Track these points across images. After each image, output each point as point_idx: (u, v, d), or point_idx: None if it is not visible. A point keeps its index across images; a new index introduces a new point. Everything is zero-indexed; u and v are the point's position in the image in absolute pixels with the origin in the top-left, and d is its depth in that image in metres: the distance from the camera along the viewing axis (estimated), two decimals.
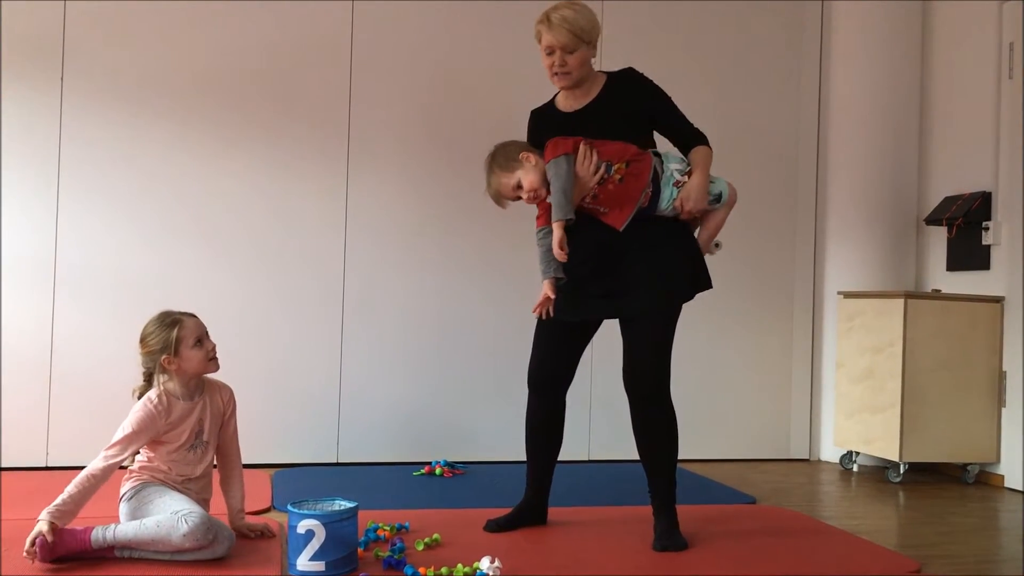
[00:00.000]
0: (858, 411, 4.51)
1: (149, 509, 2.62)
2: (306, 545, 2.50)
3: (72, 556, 2.53)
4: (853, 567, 2.80)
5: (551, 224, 2.83)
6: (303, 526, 2.50)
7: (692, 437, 4.70)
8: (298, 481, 3.85)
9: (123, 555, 2.58)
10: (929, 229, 4.80)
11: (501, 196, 2.93)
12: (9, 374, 4.02)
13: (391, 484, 3.87)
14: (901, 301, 4.29)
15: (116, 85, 4.17)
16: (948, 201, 4.61)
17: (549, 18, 2.86)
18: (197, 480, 2.79)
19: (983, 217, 4.40)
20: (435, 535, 2.88)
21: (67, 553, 2.52)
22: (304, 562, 2.50)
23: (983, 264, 4.46)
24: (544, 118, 3.07)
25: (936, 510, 3.77)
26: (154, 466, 2.73)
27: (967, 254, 4.54)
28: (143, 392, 2.73)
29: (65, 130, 4.11)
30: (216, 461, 2.89)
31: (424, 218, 4.50)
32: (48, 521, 2.47)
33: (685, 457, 4.63)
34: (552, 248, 2.82)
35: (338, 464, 4.36)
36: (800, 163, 5.00)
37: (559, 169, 2.80)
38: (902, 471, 4.32)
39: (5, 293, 4.02)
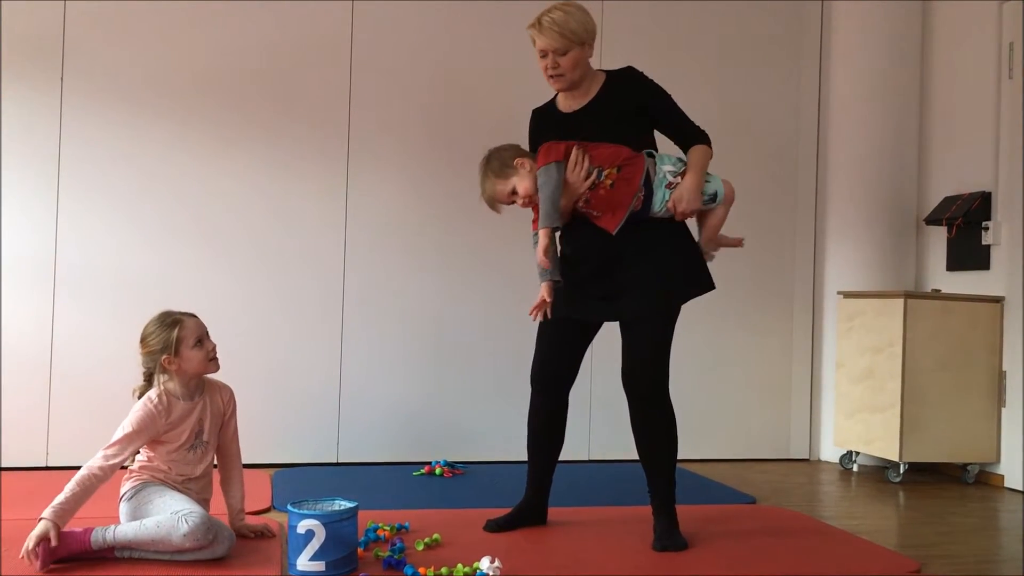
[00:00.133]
0: (858, 411, 4.51)
1: (149, 509, 2.62)
2: (306, 545, 2.50)
3: (72, 557, 2.53)
4: (853, 567, 2.80)
5: None
6: (303, 526, 2.50)
7: (692, 437, 4.71)
8: (298, 481, 3.85)
9: (123, 555, 2.58)
10: (929, 229, 4.80)
11: (496, 201, 2.96)
12: (9, 374, 4.02)
13: (391, 484, 3.87)
14: (901, 301, 4.29)
15: (116, 85, 4.17)
16: (948, 201, 4.61)
17: (540, 22, 2.87)
18: (197, 480, 2.79)
19: (983, 217, 4.40)
20: (435, 535, 2.89)
21: (67, 554, 2.51)
22: (304, 562, 2.50)
23: (983, 264, 4.46)
24: (545, 118, 3.08)
25: (936, 510, 3.77)
26: (154, 466, 2.73)
27: (967, 254, 4.54)
28: (143, 392, 2.73)
29: (65, 130, 4.11)
30: (216, 461, 2.89)
31: (424, 218, 4.50)
32: (52, 522, 2.47)
33: (685, 457, 4.63)
34: (540, 253, 2.83)
35: (338, 464, 4.36)
36: (800, 163, 5.00)
37: (548, 177, 2.82)
38: (902, 471, 4.32)
39: (5, 293, 4.02)
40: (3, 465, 3.95)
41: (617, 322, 2.99)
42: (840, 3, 4.93)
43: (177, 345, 2.69)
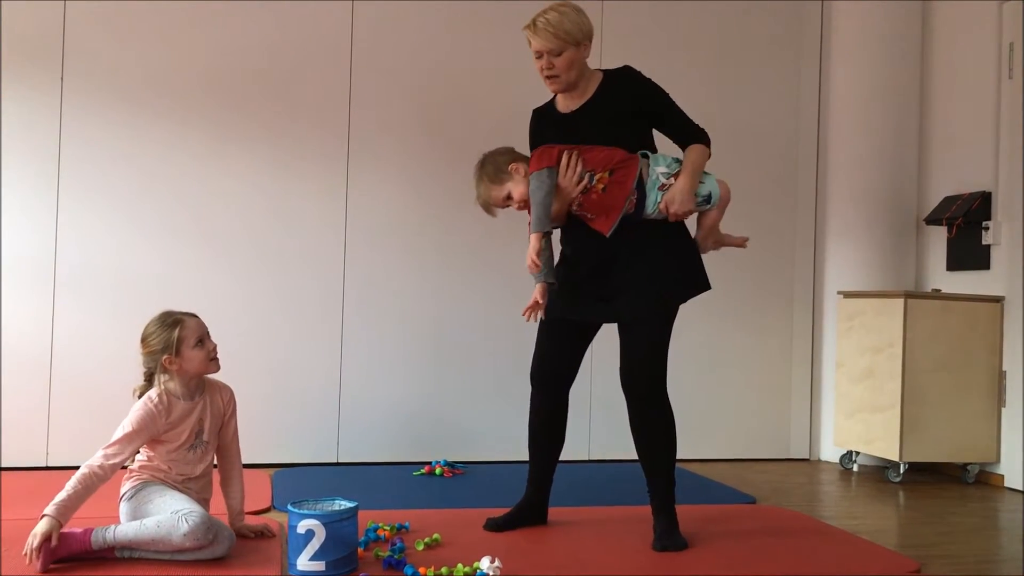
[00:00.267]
0: (858, 411, 4.51)
1: (149, 509, 2.62)
2: (306, 545, 2.50)
3: (72, 557, 2.53)
4: (853, 567, 2.80)
5: None
6: (303, 526, 2.50)
7: (692, 437, 4.72)
8: (298, 481, 3.85)
9: (123, 555, 2.58)
10: (929, 229, 4.80)
11: (491, 205, 2.99)
12: (9, 374, 4.02)
13: (391, 484, 3.87)
14: (901, 301, 4.29)
15: (116, 85, 4.17)
16: (948, 201, 4.61)
17: (535, 23, 2.88)
18: (197, 480, 2.78)
19: (983, 217, 4.40)
20: (435, 535, 2.89)
21: (68, 554, 2.51)
22: (304, 562, 2.50)
23: (983, 264, 4.46)
24: (544, 118, 3.08)
25: (936, 510, 3.77)
26: (154, 465, 2.72)
27: (967, 254, 4.54)
28: (144, 392, 2.73)
29: (65, 130, 4.11)
30: (216, 461, 2.89)
31: (424, 218, 4.50)
32: (54, 519, 2.47)
33: (685, 457, 4.64)
34: (530, 256, 2.84)
35: (338, 464, 4.36)
36: (800, 163, 5.00)
37: (540, 182, 2.83)
38: (902, 471, 4.32)
39: (5, 293, 4.02)
40: (3, 465, 3.95)
41: (615, 323, 2.99)
42: (840, 3, 4.93)
43: (178, 345, 2.69)
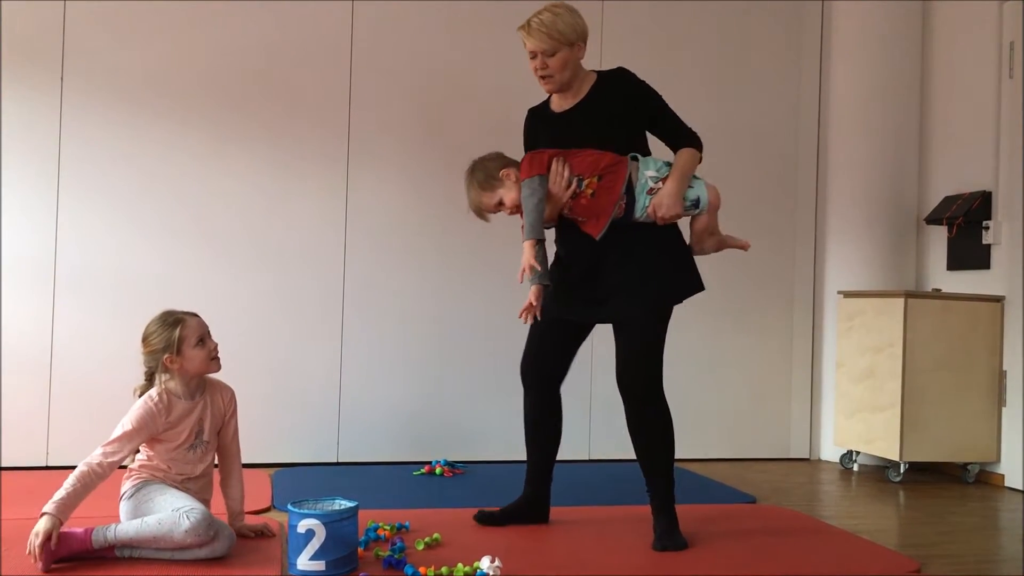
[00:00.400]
0: (858, 411, 4.51)
1: (150, 507, 2.62)
2: (306, 545, 2.50)
3: (73, 556, 2.53)
4: (853, 567, 2.80)
5: None
6: (303, 526, 2.50)
7: (692, 437, 4.72)
8: (298, 481, 3.85)
9: (123, 555, 2.58)
10: (929, 228, 4.80)
11: (482, 211, 3.00)
12: (9, 374, 4.02)
13: (391, 484, 3.87)
14: (901, 301, 4.29)
15: (116, 85, 4.17)
16: (948, 200, 4.61)
17: (529, 23, 2.90)
18: (197, 480, 2.78)
19: (983, 216, 4.40)
20: (435, 535, 2.89)
21: (68, 554, 2.51)
22: (304, 561, 2.50)
23: (983, 263, 4.46)
24: (538, 117, 3.11)
25: (936, 510, 3.77)
26: (154, 464, 2.72)
27: (967, 253, 4.54)
28: (144, 391, 2.73)
29: (65, 129, 4.11)
30: (217, 461, 2.89)
31: (424, 218, 4.50)
32: (55, 517, 2.47)
33: (685, 457, 4.65)
34: (527, 263, 2.84)
35: (338, 464, 4.36)
36: (800, 163, 5.00)
37: (532, 190, 2.85)
38: (902, 470, 4.32)
39: (5, 293, 4.02)
40: (3, 465, 3.95)
41: (609, 323, 3.00)
42: (840, 3, 4.93)
43: (179, 344, 2.69)
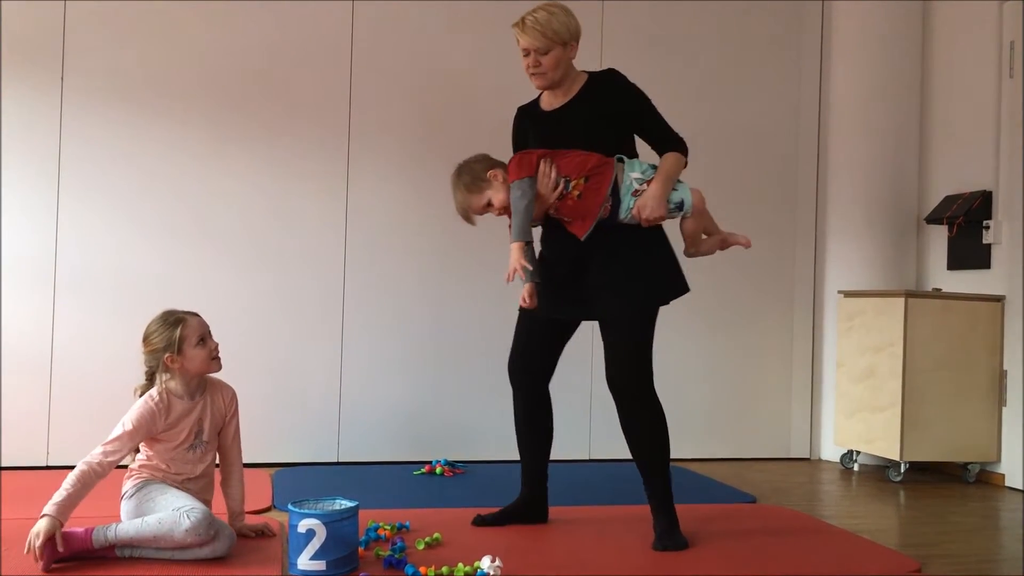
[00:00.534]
0: (858, 410, 4.51)
1: (151, 507, 2.61)
2: (307, 544, 2.49)
3: (73, 556, 2.53)
4: (853, 566, 2.80)
5: None
6: (304, 525, 2.50)
7: (692, 437, 4.72)
8: (298, 480, 3.85)
9: (124, 554, 2.58)
10: (930, 228, 4.80)
11: (470, 213, 2.99)
12: (9, 374, 4.02)
13: (391, 483, 3.87)
14: (901, 300, 4.29)
15: (116, 85, 4.17)
16: (949, 200, 4.61)
17: (524, 21, 2.91)
18: (197, 480, 2.78)
19: (984, 216, 4.40)
20: (436, 534, 2.89)
21: (69, 554, 2.51)
22: (305, 561, 2.50)
23: (984, 263, 4.46)
24: (528, 115, 3.12)
25: (936, 509, 3.77)
26: (153, 464, 2.72)
27: (968, 253, 4.54)
28: (145, 391, 2.73)
29: (65, 129, 4.11)
30: (218, 461, 2.89)
31: (424, 218, 4.50)
32: (56, 519, 2.46)
33: (685, 457, 4.65)
34: (518, 264, 2.84)
35: (338, 463, 4.36)
36: (800, 163, 5.00)
37: (522, 192, 2.86)
38: (903, 470, 4.32)
39: (5, 293, 4.02)
40: (3, 465, 3.95)
41: (596, 321, 3.02)
42: (840, 3, 4.93)
43: (180, 343, 2.69)
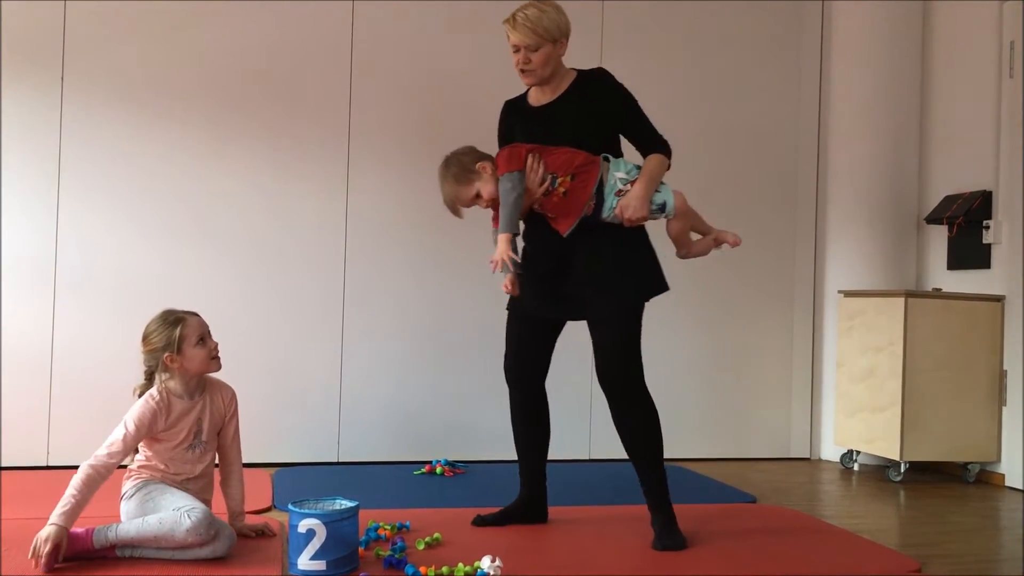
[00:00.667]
0: (858, 410, 4.51)
1: (151, 507, 2.61)
2: (307, 544, 2.49)
3: (74, 556, 2.53)
4: (853, 566, 2.80)
5: None
6: (304, 525, 2.50)
7: (692, 436, 4.73)
8: (299, 480, 3.85)
9: (124, 554, 2.58)
10: (930, 228, 4.80)
11: (458, 205, 3.01)
12: (9, 374, 4.02)
13: (391, 483, 3.87)
14: (902, 300, 4.29)
15: (116, 85, 4.17)
16: (949, 200, 4.61)
17: (515, 17, 2.93)
18: (196, 480, 2.78)
19: (984, 216, 4.40)
20: (436, 534, 2.89)
21: (70, 554, 2.51)
22: (305, 561, 2.50)
23: (984, 263, 4.46)
24: (515, 110, 3.13)
25: (936, 509, 3.77)
26: (153, 464, 2.72)
27: (968, 253, 4.54)
28: (144, 391, 2.73)
29: (65, 129, 4.11)
30: (217, 461, 2.89)
31: (424, 218, 4.49)
32: (64, 528, 2.47)
33: (686, 456, 4.66)
34: (505, 255, 2.84)
35: (339, 463, 4.36)
36: (800, 163, 5.00)
37: (513, 184, 2.86)
38: (903, 470, 4.32)
39: (5, 293, 4.02)
40: (3, 465, 3.95)
41: (582, 320, 3.02)
42: (840, 3, 4.93)
43: (180, 343, 2.69)
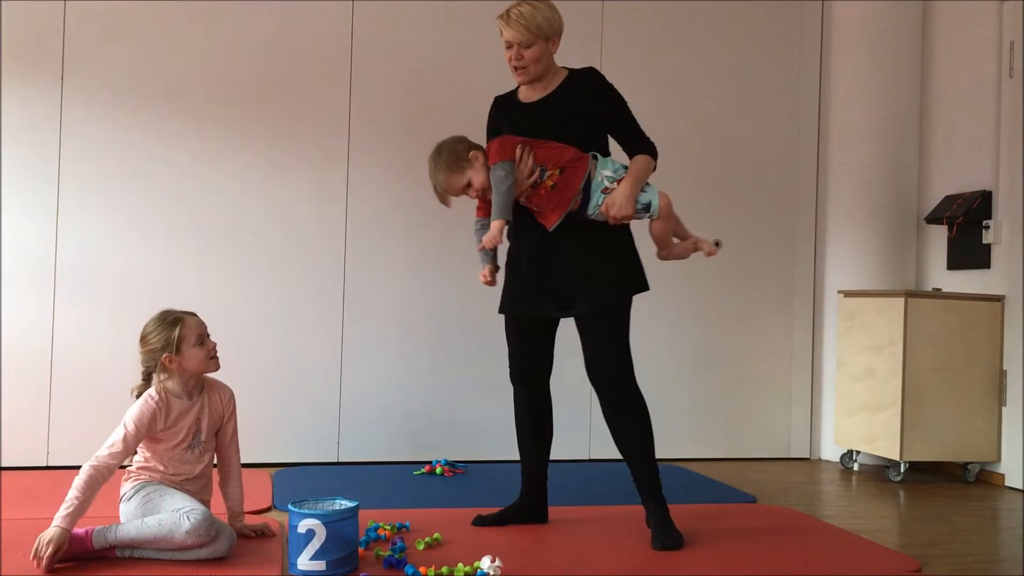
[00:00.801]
0: (858, 410, 4.51)
1: (150, 508, 2.61)
2: (307, 545, 2.50)
3: (74, 557, 2.53)
4: (853, 566, 2.80)
5: (489, 216, 2.96)
6: (304, 525, 2.50)
7: (692, 436, 4.73)
8: (299, 481, 3.85)
9: (124, 555, 2.58)
10: (930, 228, 4.80)
11: (448, 194, 3.02)
12: (9, 374, 4.02)
13: (391, 483, 3.87)
14: (902, 300, 4.29)
15: (116, 85, 4.17)
16: (949, 200, 4.61)
17: (508, 14, 2.94)
18: (195, 480, 2.78)
19: (984, 216, 4.40)
20: (436, 534, 2.89)
21: (70, 555, 2.51)
22: (305, 561, 2.50)
23: (984, 263, 4.46)
24: (505, 106, 3.14)
25: (937, 509, 3.77)
26: (152, 466, 2.72)
27: (968, 253, 4.54)
28: (142, 391, 2.73)
29: (65, 130, 4.11)
30: (216, 462, 2.89)
31: (424, 218, 4.49)
32: (67, 530, 2.47)
33: (686, 456, 4.66)
34: (494, 239, 2.91)
35: (338, 463, 4.36)
36: (800, 162, 5.00)
37: (506, 173, 2.88)
38: (903, 470, 4.31)
39: (5, 293, 4.02)
40: (3, 465, 3.95)
41: (569, 317, 3.03)
42: (840, 3, 4.93)
43: (178, 343, 2.68)
